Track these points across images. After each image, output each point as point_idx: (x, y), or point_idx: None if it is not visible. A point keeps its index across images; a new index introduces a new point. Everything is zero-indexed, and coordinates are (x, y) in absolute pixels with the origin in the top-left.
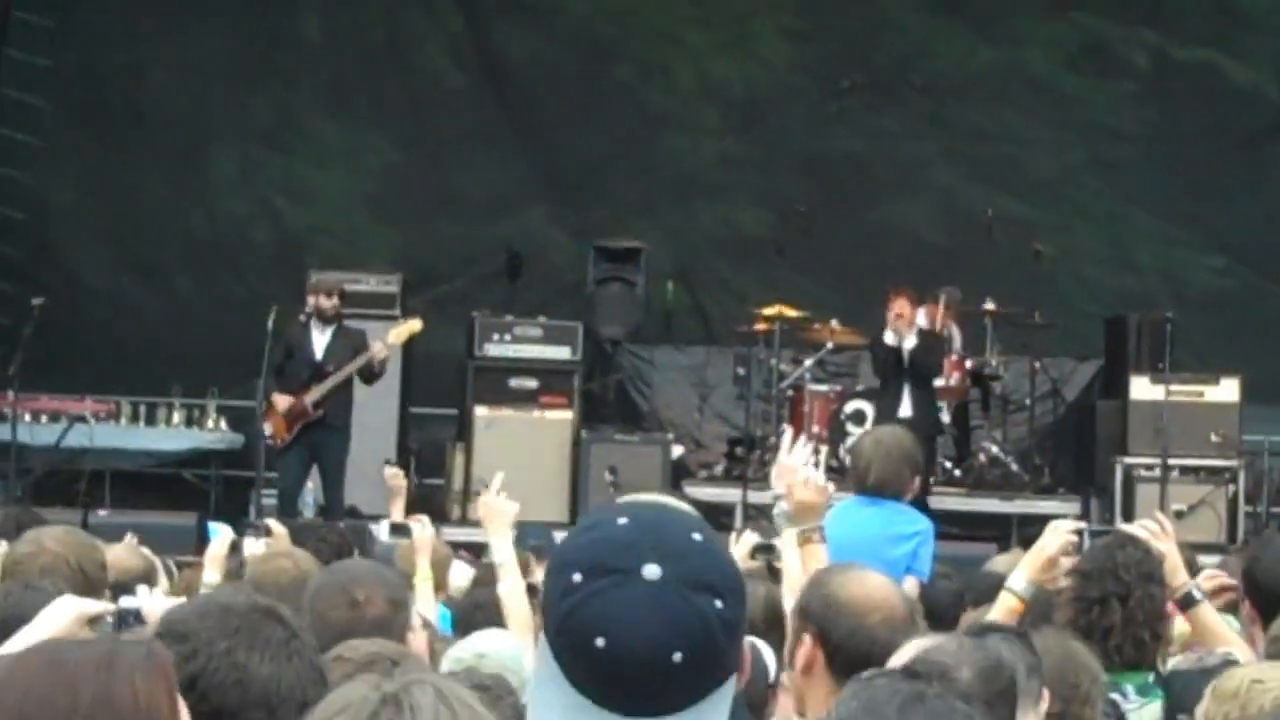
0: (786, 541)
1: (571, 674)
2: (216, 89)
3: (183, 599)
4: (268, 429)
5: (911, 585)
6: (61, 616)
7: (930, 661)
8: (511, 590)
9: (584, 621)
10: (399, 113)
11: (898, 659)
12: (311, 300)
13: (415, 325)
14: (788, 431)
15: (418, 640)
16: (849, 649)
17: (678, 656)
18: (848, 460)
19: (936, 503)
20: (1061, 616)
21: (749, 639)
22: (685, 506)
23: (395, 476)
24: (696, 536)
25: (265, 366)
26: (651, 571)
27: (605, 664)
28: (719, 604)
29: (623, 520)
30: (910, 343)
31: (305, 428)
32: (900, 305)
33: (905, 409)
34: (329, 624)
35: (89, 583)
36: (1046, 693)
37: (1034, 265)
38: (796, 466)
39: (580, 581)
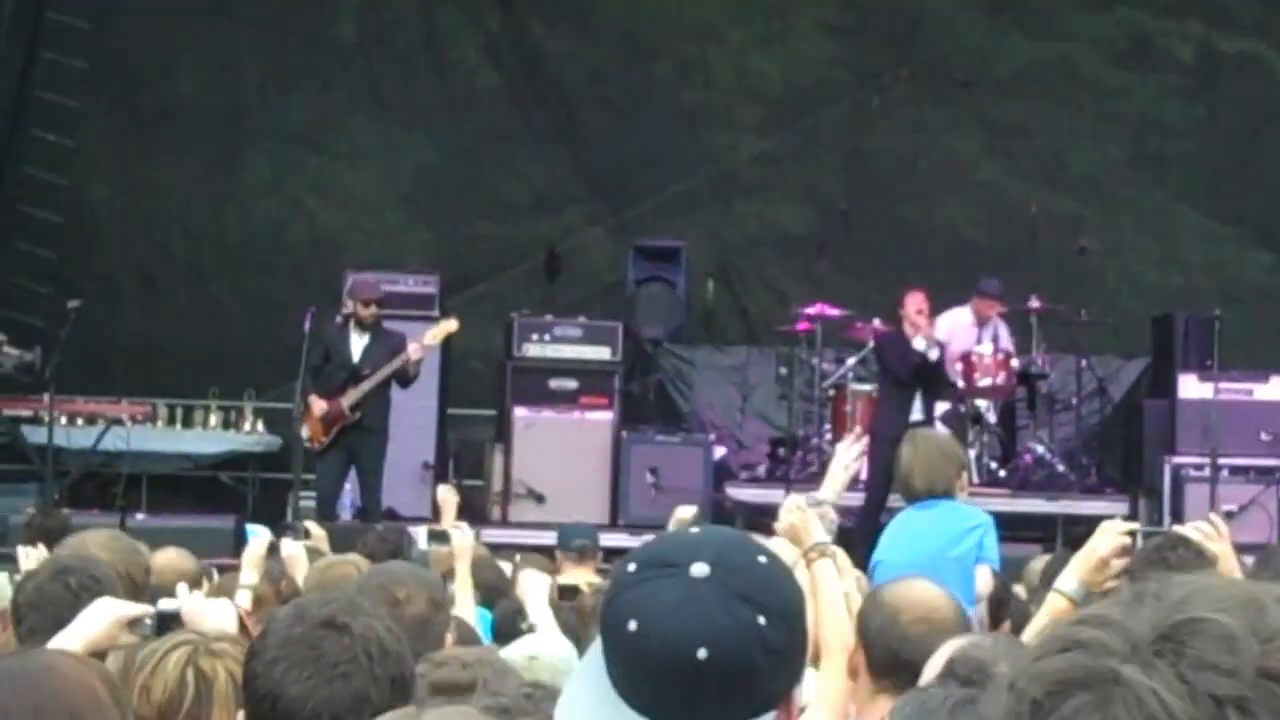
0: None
1: (610, 665)
2: (250, 89)
3: (222, 599)
4: (305, 432)
5: (985, 575)
6: (100, 619)
7: (968, 659)
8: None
9: (622, 605)
10: (435, 112)
11: (936, 659)
12: (349, 305)
13: (451, 325)
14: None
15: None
16: (881, 646)
17: (702, 653)
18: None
19: (981, 503)
20: None
21: None
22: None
23: (448, 493)
24: (762, 559)
25: (302, 368)
26: (699, 569)
27: (633, 649)
28: (761, 619)
29: (696, 530)
30: (935, 353)
31: (343, 430)
32: (921, 302)
33: (915, 413)
34: None
35: (134, 587)
36: None
37: (1079, 262)
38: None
39: (633, 571)
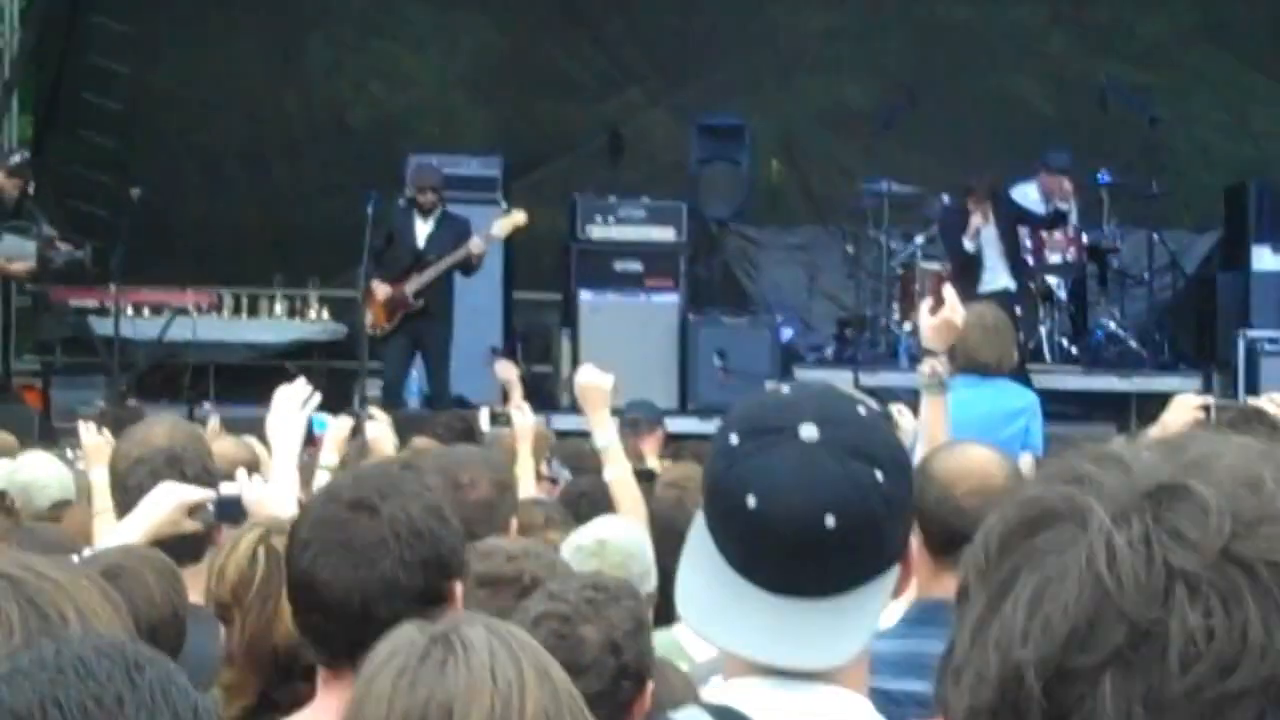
0: (926, 405)
1: (723, 544)
2: None
3: (285, 485)
4: (368, 318)
5: (1028, 462)
6: (163, 504)
7: None
8: (619, 477)
9: (736, 480)
10: None
11: None
12: (410, 192)
13: (520, 218)
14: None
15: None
16: (937, 520)
17: (830, 520)
18: None
19: (1053, 381)
20: None
21: None
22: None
23: (506, 369)
24: (861, 410)
25: (365, 253)
26: (809, 432)
27: (756, 525)
28: (879, 474)
29: (786, 390)
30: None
31: (407, 317)
32: (986, 209)
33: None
34: None
35: (197, 475)
36: None
37: (1149, 134)
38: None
39: (737, 443)
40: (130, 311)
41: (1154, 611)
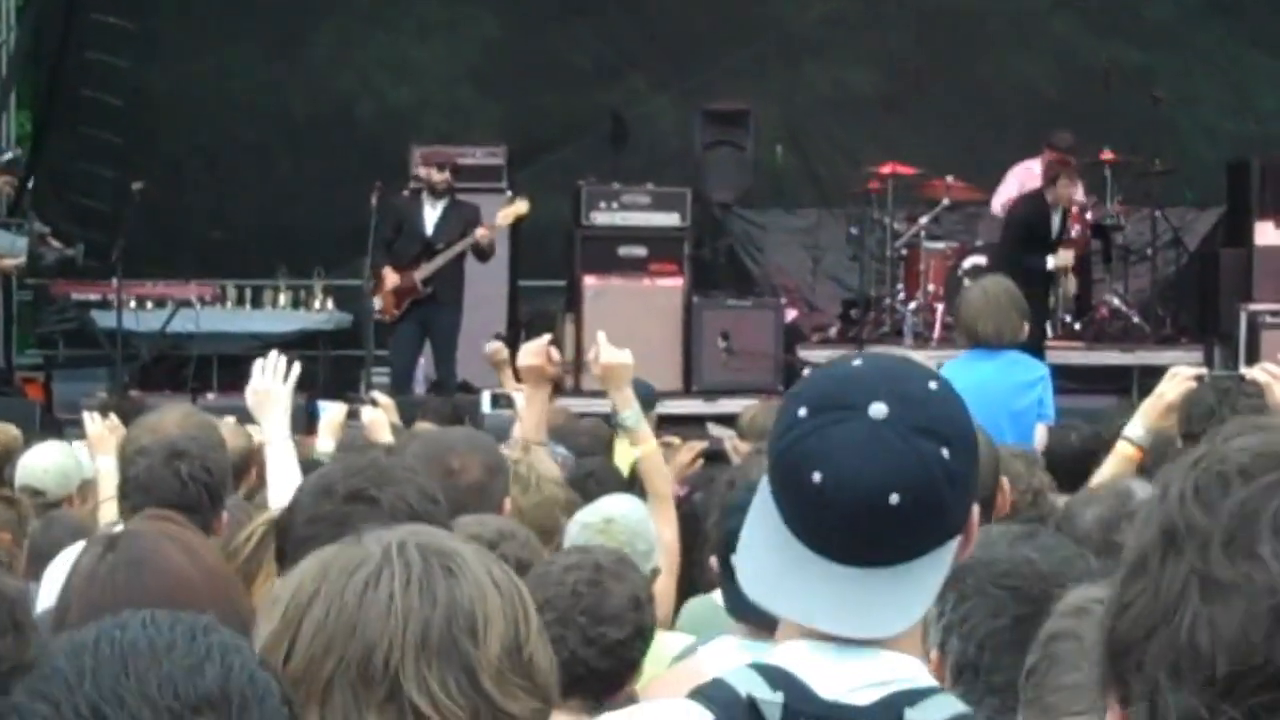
0: None
1: (787, 514)
2: None
3: (290, 473)
4: (377, 304)
5: (1041, 433)
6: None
7: (1054, 507)
8: (648, 454)
9: (803, 455)
10: None
11: None
12: (423, 172)
13: (522, 207)
14: None
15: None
16: None
17: (895, 498)
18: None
19: (1057, 357)
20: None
21: None
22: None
23: (497, 352)
24: (932, 385)
25: (371, 243)
26: (878, 410)
27: (821, 500)
28: (945, 452)
29: (858, 363)
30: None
31: (415, 304)
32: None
33: None
34: None
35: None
36: None
37: (1153, 112)
38: None
39: (805, 416)
40: (133, 305)
41: None
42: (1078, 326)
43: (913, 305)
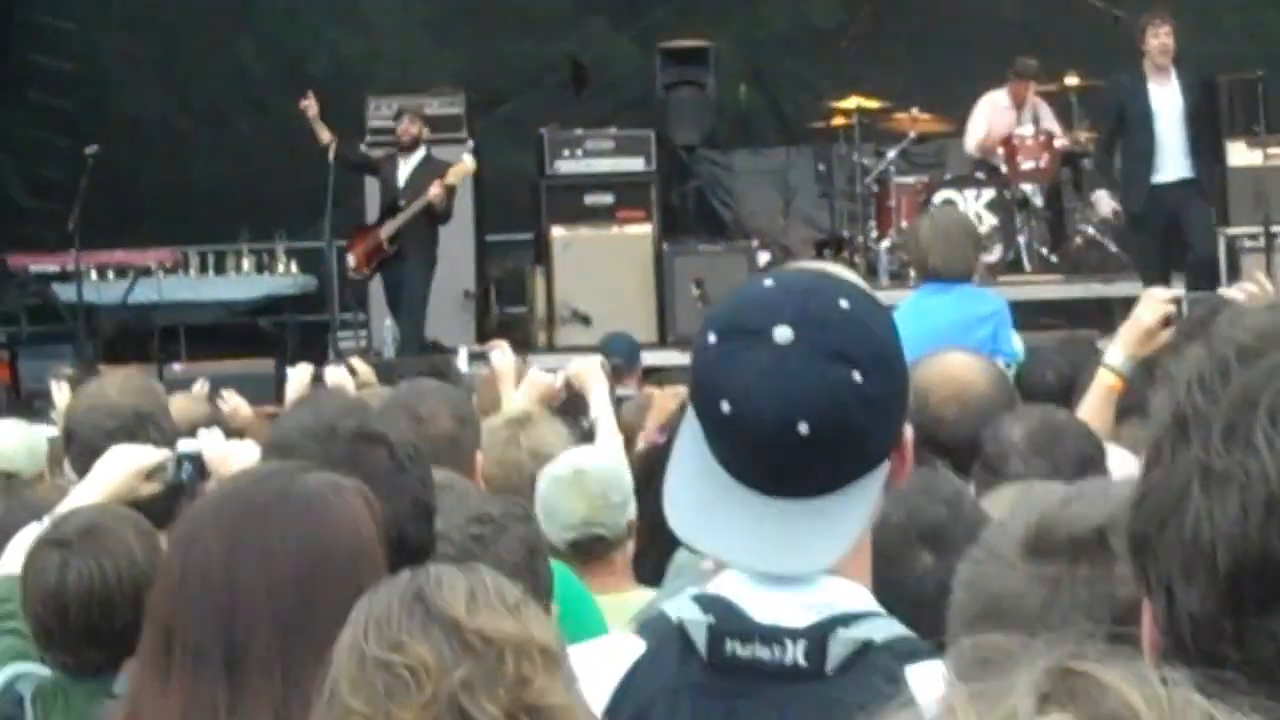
0: None
1: (711, 443)
2: None
3: (247, 441)
4: (350, 260)
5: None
6: (117, 469)
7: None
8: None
9: (712, 384)
10: None
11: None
12: (401, 123)
13: (468, 166)
14: None
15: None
16: (919, 430)
17: (804, 427)
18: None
19: (1034, 292)
20: None
21: None
22: (849, 275)
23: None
24: (844, 303)
25: (329, 202)
26: (783, 334)
27: (732, 430)
28: (857, 375)
29: (769, 282)
30: None
31: (383, 263)
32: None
33: None
34: None
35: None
36: None
37: (1115, 33)
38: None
39: (715, 342)
40: (95, 275)
41: None
42: (1054, 259)
43: (886, 244)
